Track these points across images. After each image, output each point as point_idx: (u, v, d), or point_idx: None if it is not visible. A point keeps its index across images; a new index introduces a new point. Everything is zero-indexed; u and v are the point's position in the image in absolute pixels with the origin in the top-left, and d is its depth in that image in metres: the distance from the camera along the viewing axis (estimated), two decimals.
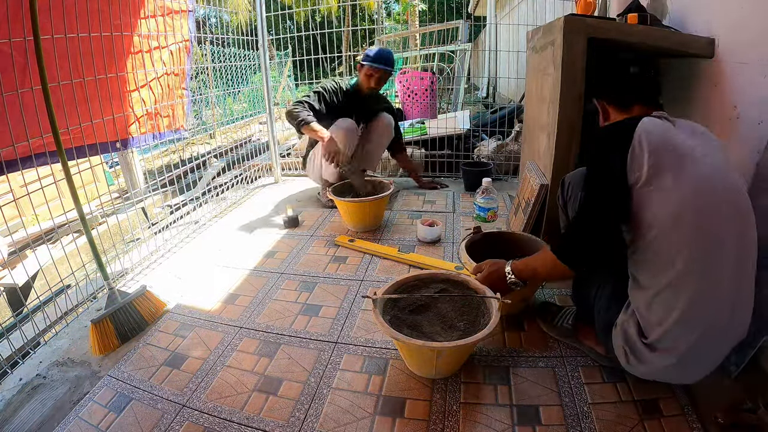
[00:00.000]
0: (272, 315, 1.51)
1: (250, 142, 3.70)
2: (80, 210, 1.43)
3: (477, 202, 1.72)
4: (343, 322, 1.45)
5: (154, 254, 2.01)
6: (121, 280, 1.81)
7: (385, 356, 1.28)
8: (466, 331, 1.20)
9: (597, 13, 2.17)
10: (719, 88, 1.33)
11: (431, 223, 2.01)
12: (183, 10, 2.12)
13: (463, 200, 2.56)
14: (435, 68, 4.61)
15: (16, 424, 1.12)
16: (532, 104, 2.03)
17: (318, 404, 1.11)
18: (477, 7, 10.62)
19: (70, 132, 1.57)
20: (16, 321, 1.50)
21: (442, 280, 1.37)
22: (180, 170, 3.11)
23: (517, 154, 2.95)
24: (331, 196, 2.14)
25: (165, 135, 2.13)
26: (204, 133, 4.06)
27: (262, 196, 2.88)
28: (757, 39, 1.17)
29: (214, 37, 2.72)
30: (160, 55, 2.01)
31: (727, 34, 1.31)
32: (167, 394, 1.17)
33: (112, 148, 1.85)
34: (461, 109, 4.53)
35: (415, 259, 1.81)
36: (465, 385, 1.16)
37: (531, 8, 5.05)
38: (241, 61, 3.36)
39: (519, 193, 1.96)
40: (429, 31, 5.82)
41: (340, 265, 1.85)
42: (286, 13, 3.23)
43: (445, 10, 7.60)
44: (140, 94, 1.93)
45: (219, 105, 4.08)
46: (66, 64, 1.53)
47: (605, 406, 1.06)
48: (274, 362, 1.28)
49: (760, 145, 1.12)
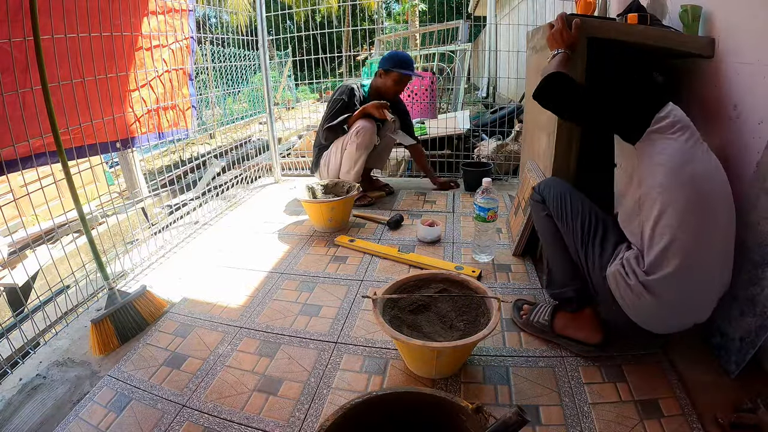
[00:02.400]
0: (272, 315, 1.51)
1: (250, 142, 3.70)
2: (80, 210, 1.43)
3: (477, 202, 1.72)
4: (343, 322, 1.45)
5: (154, 254, 2.01)
6: (122, 281, 1.81)
7: (385, 356, 1.28)
8: (466, 331, 1.20)
9: (597, 13, 2.17)
10: (719, 88, 1.33)
11: (431, 223, 2.01)
12: (183, 9, 2.12)
13: (463, 200, 2.56)
14: (435, 68, 4.60)
15: (16, 423, 1.12)
16: (532, 104, 2.03)
17: (318, 404, 1.11)
18: (477, 7, 10.63)
19: (70, 132, 1.57)
20: (16, 321, 1.50)
21: (442, 280, 1.37)
22: (180, 170, 3.11)
23: (517, 154, 2.95)
24: (301, 199, 2.16)
25: (166, 135, 2.13)
26: (204, 133, 4.06)
27: (262, 196, 2.88)
28: (758, 39, 1.17)
29: (214, 37, 2.72)
30: (161, 54, 2.01)
31: (727, 34, 1.31)
32: (167, 394, 1.17)
33: (113, 148, 1.85)
34: (461, 109, 4.53)
35: (415, 259, 1.81)
36: (465, 385, 1.16)
37: (531, 8, 5.05)
38: (241, 61, 3.36)
39: (519, 193, 1.96)
40: (429, 31, 5.82)
41: (340, 265, 1.85)
42: (286, 13, 3.23)
43: (445, 10, 7.60)
44: (140, 93, 1.93)
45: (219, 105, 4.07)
46: (66, 63, 1.53)
47: (605, 406, 1.06)
48: (274, 362, 1.28)
49: (760, 145, 1.12)
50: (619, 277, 1.06)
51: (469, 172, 2.74)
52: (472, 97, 7.06)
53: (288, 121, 5.02)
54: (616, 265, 1.07)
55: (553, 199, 1.25)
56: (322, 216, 2.14)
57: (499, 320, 1.15)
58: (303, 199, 2.13)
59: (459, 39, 5.13)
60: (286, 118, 5.34)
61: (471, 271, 1.69)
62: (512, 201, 2.25)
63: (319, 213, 2.15)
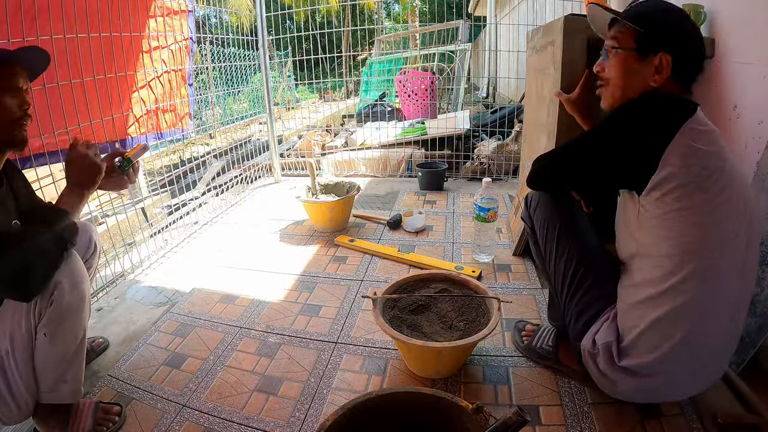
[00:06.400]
0: (272, 315, 1.51)
1: (250, 142, 3.70)
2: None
3: (477, 202, 1.72)
4: (343, 322, 1.45)
5: (154, 254, 2.01)
6: (121, 281, 1.81)
7: (385, 356, 1.28)
8: (466, 331, 1.20)
9: None
10: (719, 88, 1.33)
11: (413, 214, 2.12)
12: (183, 11, 2.12)
13: (463, 200, 2.56)
14: (435, 68, 4.61)
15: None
16: (532, 104, 2.03)
17: (318, 404, 1.11)
18: (477, 7, 10.62)
19: (69, 132, 1.57)
20: None
21: (442, 280, 1.37)
22: (180, 170, 3.11)
23: (517, 154, 2.95)
24: (301, 199, 2.14)
25: (165, 135, 2.13)
26: (204, 133, 4.07)
27: (261, 196, 2.88)
28: (758, 39, 1.17)
29: (214, 37, 2.72)
30: (160, 55, 2.01)
31: (727, 34, 1.31)
32: (167, 394, 1.17)
33: (112, 149, 1.84)
34: (461, 109, 4.53)
35: (415, 259, 1.81)
36: (465, 385, 1.16)
37: (531, 8, 5.05)
38: (241, 61, 3.36)
39: (519, 193, 1.96)
40: (429, 31, 5.82)
41: (340, 265, 1.85)
42: (286, 13, 3.24)
43: (445, 10, 7.60)
44: (140, 94, 1.93)
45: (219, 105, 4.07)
46: (66, 64, 1.53)
47: (605, 406, 1.05)
48: (274, 362, 1.28)
49: (760, 145, 1.12)
50: (587, 356, 0.95)
51: (424, 172, 2.79)
52: (472, 97, 7.06)
53: (288, 121, 5.03)
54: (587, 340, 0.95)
55: (541, 227, 1.09)
56: (322, 216, 2.14)
57: (499, 320, 1.14)
58: (303, 199, 2.13)
59: (459, 39, 5.13)
60: (286, 118, 5.34)
61: (471, 271, 1.69)
62: (512, 201, 2.25)
63: (319, 213, 2.15)
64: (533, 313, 1.44)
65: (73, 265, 0.96)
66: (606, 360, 0.90)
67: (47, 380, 0.96)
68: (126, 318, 1.54)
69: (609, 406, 1.06)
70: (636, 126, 0.86)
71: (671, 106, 0.86)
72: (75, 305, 0.95)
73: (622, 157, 0.87)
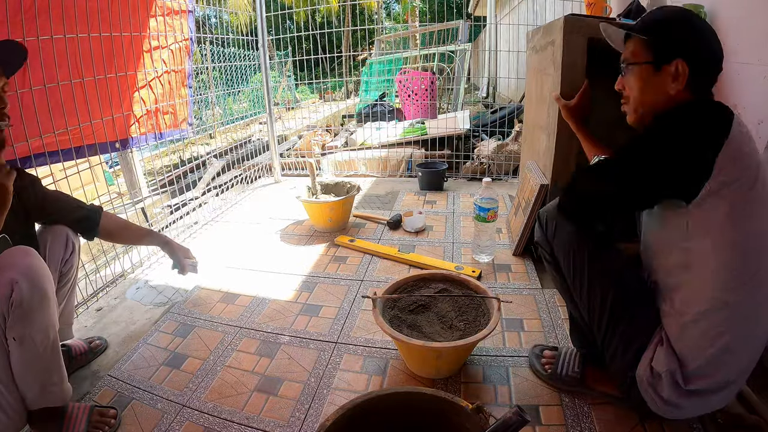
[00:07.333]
0: (272, 315, 1.51)
1: (250, 143, 3.70)
2: None
3: (477, 202, 1.72)
4: (343, 322, 1.45)
5: (154, 254, 2.01)
6: (121, 281, 1.81)
7: (385, 356, 1.28)
8: (466, 331, 1.19)
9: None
10: (719, 88, 1.33)
11: (413, 214, 2.12)
12: (183, 11, 2.12)
13: (463, 200, 2.56)
14: (435, 68, 4.61)
15: None
16: (532, 104, 2.03)
17: (318, 404, 1.11)
18: (477, 7, 10.62)
19: (69, 132, 1.58)
20: None
21: (442, 280, 1.37)
22: (180, 170, 3.12)
23: (517, 154, 2.95)
24: (301, 199, 2.14)
25: (165, 135, 2.13)
26: (204, 133, 4.07)
27: (261, 196, 2.88)
28: (758, 39, 1.17)
29: (214, 37, 2.72)
30: (160, 55, 2.01)
31: (727, 34, 1.31)
32: (167, 394, 1.17)
33: (112, 149, 1.85)
34: (461, 109, 4.53)
35: (415, 259, 1.81)
36: (465, 385, 1.16)
37: (531, 8, 5.06)
38: (241, 61, 3.36)
39: (519, 193, 1.96)
40: (429, 31, 5.82)
41: (340, 265, 1.85)
42: (286, 13, 3.24)
43: (445, 10, 7.60)
44: (140, 94, 1.93)
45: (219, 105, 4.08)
46: (66, 64, 1.53)
47: (605, 406, 1.05)
48: (274, 362, 1.28)
49: (760, 145, 1.12)
50: (647, 386, 0.89)
51: (424, 172, 2.79)
52: (472, 97, 7.07)
53: (288, 121, 5.03)
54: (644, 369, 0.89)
55: (566, 255, 0.98)
56: (322, 216, 2.14)
57: (499, 320, 1.14)
58: (303, 199, 2.13)
59: (459, 39, 5.13)
60: (287, 118, 5.35)
61: (471, 271, 1.69)
62: (512, 201, 2.25)
63: (319, 213, 2.15)
64: (533, 313, 1.44)
65: (29, 262, 0.92)
66: (671, 387, 0.85)
67: (32, 385, 0.95)
68: (126, 318, 1.54)
69: (609, 406, 1.06)
70: (686, 133, 0.82)
71: (716, 111, 0.84)
72: (37, 304, 0.91)
73: (675, 165, 0.81)
